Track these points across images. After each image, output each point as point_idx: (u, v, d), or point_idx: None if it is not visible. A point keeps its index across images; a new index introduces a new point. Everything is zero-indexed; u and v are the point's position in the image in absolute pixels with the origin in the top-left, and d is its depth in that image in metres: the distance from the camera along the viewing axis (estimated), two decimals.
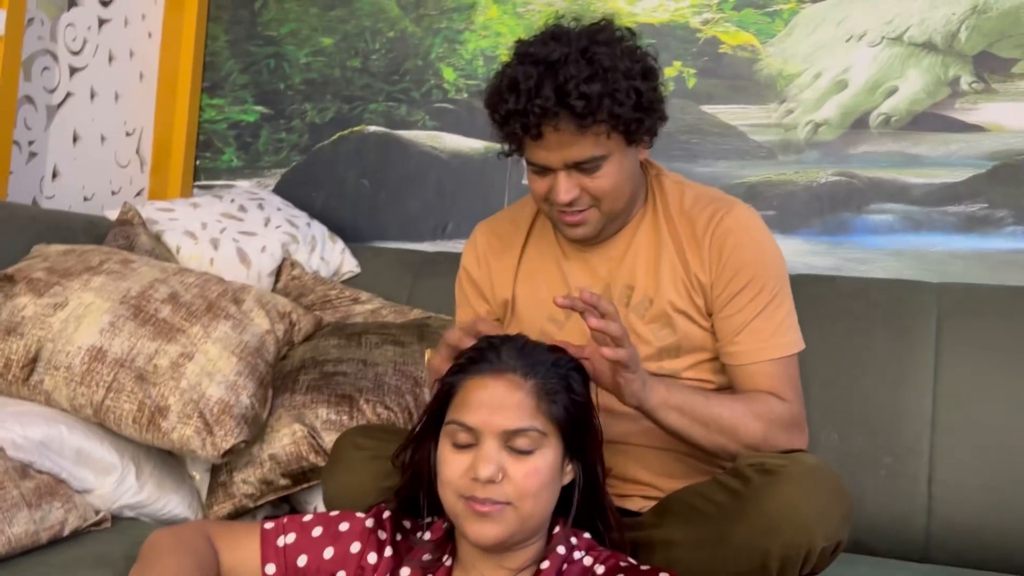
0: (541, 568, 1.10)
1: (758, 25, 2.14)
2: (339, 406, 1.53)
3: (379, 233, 2.34)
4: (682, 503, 1.29)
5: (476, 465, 1.04)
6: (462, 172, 2.31)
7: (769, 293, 1.36)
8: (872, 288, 1.85)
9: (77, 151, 2.28)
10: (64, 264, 1.54)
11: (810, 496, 1.16)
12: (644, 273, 1.38)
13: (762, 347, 1.35)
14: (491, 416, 1.05)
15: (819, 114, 2.08)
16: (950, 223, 1.99)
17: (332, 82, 2.42)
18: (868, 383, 1.76)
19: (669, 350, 1.38)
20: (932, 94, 2.02)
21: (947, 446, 1.70)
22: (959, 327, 1.76)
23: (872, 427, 1.74)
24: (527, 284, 1.45)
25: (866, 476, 1.71)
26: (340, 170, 2.40)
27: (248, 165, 2.48)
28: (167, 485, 1.48)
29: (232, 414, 1.42)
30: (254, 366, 1.50)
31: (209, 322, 1.51)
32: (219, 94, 2.51)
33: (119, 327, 1.44)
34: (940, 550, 1.69)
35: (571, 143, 1.26)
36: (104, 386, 1.39)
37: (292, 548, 1.14)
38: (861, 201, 2.05)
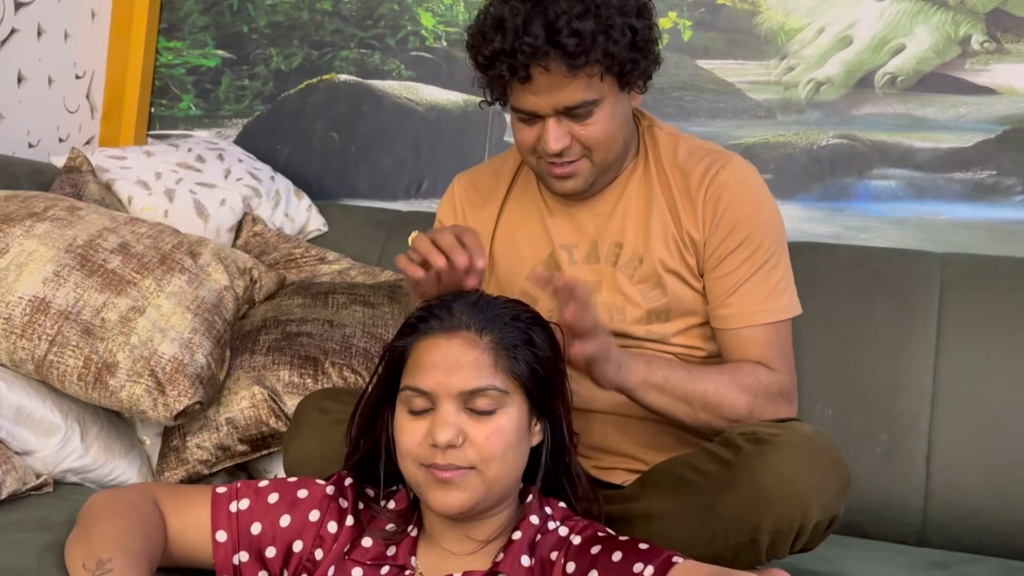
0: (512, 539, 1.09)
1: None
2: (303, 368, 1.51)
3: (349, 190, 2.31)
4: (668, 474, 1.28)
5: (434, 430, 1.02)
6: (439, 126, 2.28)
7: (765, 253, 1.35)
8: (873, 257, 1.86)
9: (22, 93, 2.23)
10: (5, 209, 1.51)
11: (805, 467, 1.15)
12: (634, 230, 1.37)
13: (755, 311, 1.34)
14: (446, 378, 1.04)
15: (821, 72, 2.07)
16: (956, 191, 2.00)
17: (300, 26, 2.38)
18: (866, 356, 1.77)
19: (658, 312, 1.37)
20: (941, 53, 2.01)
21: (947, 424, 1.71)
22: (963, 299, 1.76)
23: (869, 403, 1.75)
24: (508, 241, 1.44)
25: (861, 454, 1.72)
26: (307, 122, 2.36)
27: (207, 114, 2.44)
28: (115, 449, 1.46)
29: (186, 373, 1.40)
30: (211, 323, 1.48)
31: (163, 275, 1.48)
32: (177, 36, 2.46)
33: (64, 277, 1.41)
34: (937, 533, 1.70)
35: (562, 86, 1.24)
36: (47, 340, 1.36)
37: (245, 514, 1.12)
38: (863, 165, 2.05)
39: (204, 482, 1.48)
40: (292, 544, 1.11)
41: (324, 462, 1.23)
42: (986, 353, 1.72)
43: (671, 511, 1.22)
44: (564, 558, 1.07)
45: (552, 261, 1.40)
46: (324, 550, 1.11)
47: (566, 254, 1.39)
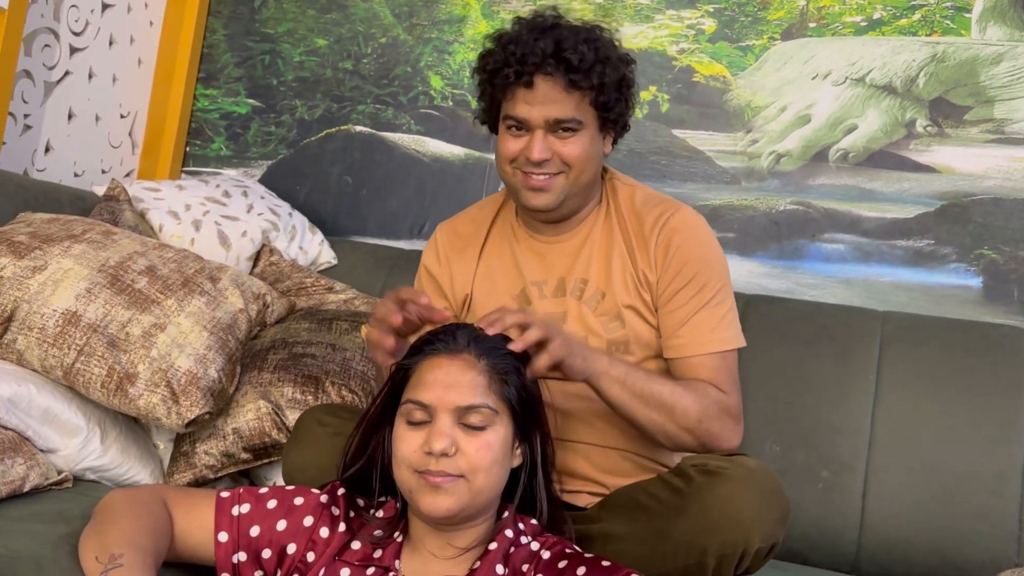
0: (489, 549, 1.08)
1: (730, 58, 2.14)
2: (305, 386, 1.50)
3: (358, 228, 2.32)
4: (626, 498, 1.27)
5: (431, 439, 1.02)
6: (442, 176, 2.30)
7: (711, 290, 1.35)
8: (821, 312, 1.86)
9: (71, 128, 2.24)
10: (47, 230, 1.50)
11: (749, 497, 1.14)
12: (597, 268, 1.37)
13: (703, 340, 1.33)
14: (445, 393, 1.04)
15: (782, 145, 2.09)
16: (898, 256, 2.00)
17: (323, 81, 2.40)
18: (811, 400, 1.77)
19: (619, 344, 1.36)
20: (889, 134, 2.03)
21: (882, 464, 1.70)
22: (900, 353, 1.76)
23: (812, 442, 1.74)
24: (485, 281, 1.43)
25: (804, 488, 1.71)
26: (325, 166, 2.37)
27: (236, 155, 2.45)
28: (131, 451, 1.44)
29: (199, 386, 1.39)
30: (224, 341, 1.47)
31: (184, 296, 1.47)
32: (213, 85, 2.48)
33: (95, 294, 1.40)
34: (870, 563, 1.69)
35: (557, 99, 1.27)
36: (76, 349, 1.35)
37: (246, 518, 1.11)
38: (816, 230, 2.06)
39: (210, 486, 1.47)
40: (286, 547, 1.10)
41: (320, 472, 1.22)
42: (919, 402, 1.72)
43: (627, 533, 1.21)
44: (534, 570, 1.06)
45: (523, 296, 1.40)
46: (316, 553, 1.10)
47: (536, 290, 1.39)
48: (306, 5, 2.43)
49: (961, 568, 1.62)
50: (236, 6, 2.48)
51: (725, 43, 2.14)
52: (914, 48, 2.02)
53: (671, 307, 1.34)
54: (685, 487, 1.19)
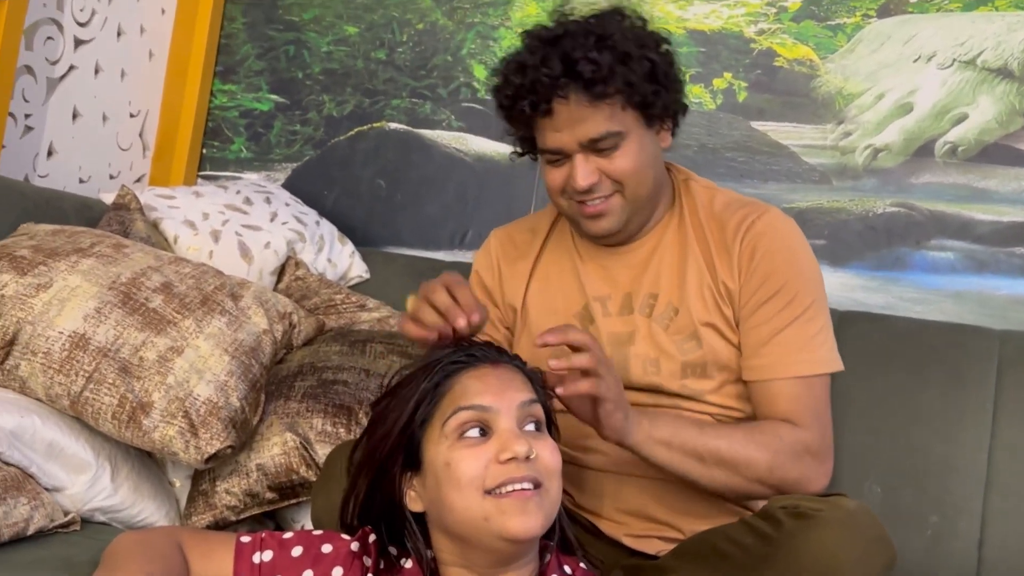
0: None
1: (818, 39, 2.12)
2: (336, 417, 1.51)
3: (393, 238, 2.34)
4: (705, 545, 1.25)
5: (507, 444, 1.02)
6: (487, 177, 2.30)
7: (801, 304, 1.33)
8: (928, 330, 1.83)
9: (76, 129, 2.29)
10: (52, 244, 1.54)
11: (848, 544, 1.12)
12: (669, 281, 1.36)
13: (788, 362, 1.31)
14: (503, 393, 1.05)
15: (880, 138, 2.06)
16: (1017, 266, 1.96)
17: (354, 74, 2.43)
18: (918, 433, 1.73)
19: (694, 367, 1.35)
20: (1005, 124, 2.00)
21: (1001, 507, 1.67)
22: (1021, 378, 1.72)
23: (919, 482, 1.71)
24: (541, 293, 1.43)
25: (910, 535, 1.68)
26: (356, 168, 2.40)
27: (258, 157, 2.48)
28: (144, 490, 1.46)
29: (220, 416, 1.40)
30: (248, 367, 1.48)
31: (203, 316, 1.49)
32: (232, 79, 2.52)
33: (105, 314, 1.43)
34: None
35: (583, 118, 1.25)
36: (84, 376, 1.38)
37: (268, 567, 1.11)
38: (920, 235, 2.03)
39: (231, 528, 1.48)
40: None
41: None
42: None
43: None
44: None
45: (586, 314, 1.39)
46: None
47: (599, 306, 1.39)
48: None
49: None
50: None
51: (812, 22, 2.13)
52: None
53: (754, 322, 1.32)
54: (774, 533, 1.16)
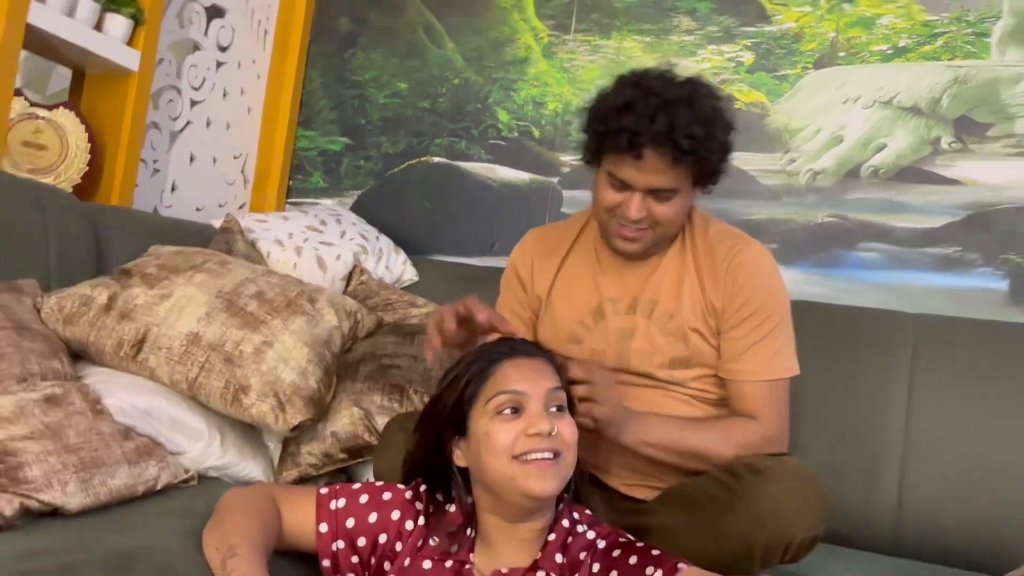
0: (548, 539, 1.07)
1: (768, 86, 2.09)
2: (391, 394, 1.51)
3: (437, 248, 2.33)
4: (681, 494, 1.25)
5: (535, 422, 1.02)
6: (510, 199, 2.29)
7: (771, 323, 1.31)
8: (858, 316, 1.80)
9: (192, 170, 2.30)
10: (173, 262, 1.54)
11: (793, 495, 1.11)
12: (667, 292, 1.34)
13: (757, 368, 1.30)
14: (536, 381, 1.05)
15: (818, 164, 2.03)
16: (928, 263, 1.93)
17: (405, 120, 2.42)
18: (851, 399, 1.71)
19: (680, 361, 1.33)
20: (916, 151, 1.95)
21: (917, 457, 1.64)
22: (933, 353, 1.69)
23: (853, 438, 1.69)
24: (564, 289, 1.41)
25: (846, 479, 1.66)
26: (407, 193, 2.39)
27: (331, 187, 2.48)
28: (246, 452, 1.46)
29: (301, 395, 1.41)
30: (322, 355, 1.48)
31: (288, 316, 1.49)
32: (311, 127, 2.52)
33: (213, 317, 1.43)
34: (907, 546, 1.62)
35: (662, 172, 1.21)
36: (198, 366, 1.38)
37: (342, 511, 1.12)
38: (852, 240, 1.99)
39: (312, 482, 1.48)
40: (378, 536, 1.11)
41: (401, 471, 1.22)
42: (951, 399, 1.65)
43: (682, 526, 1.19)
44: (591, 559, 1.05)
45: (599, 311, 1.37)
46: (402, 543, 1.10)
47: (611, 305, 1.37)
48: (389, 54, 2.45)
49: (998, 550, 1.54)
50: (329, 58, 2.51)
51: (763, 73, 2.09)
52: (937, 72, 1.93)
53: (733, 335, 1.31)
54: (735, 484, 1.16)
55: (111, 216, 1.75)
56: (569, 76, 2.26)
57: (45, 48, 1.87)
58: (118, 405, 1.30)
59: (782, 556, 1.13)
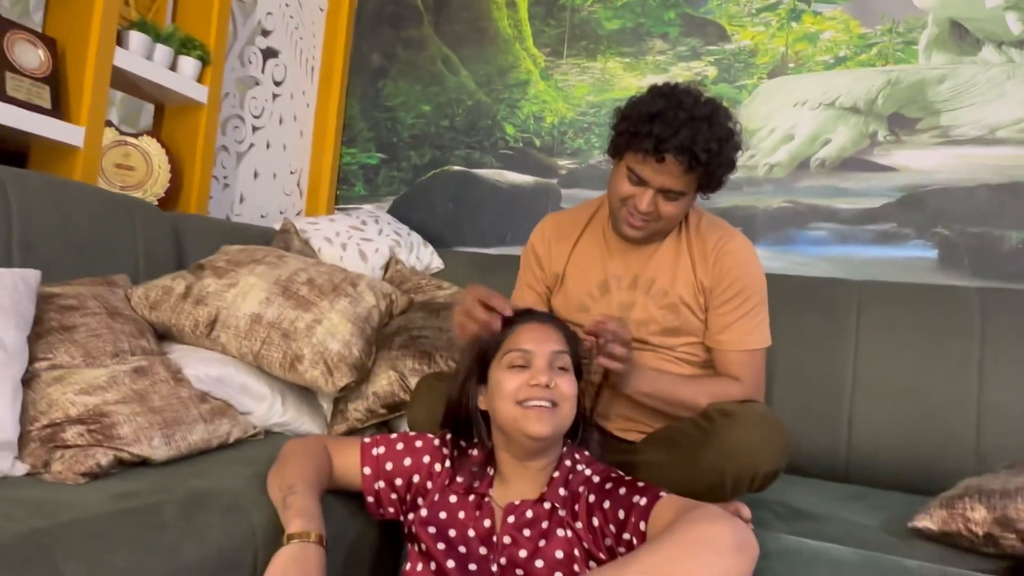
0: (553, 476, 1.04)
1: (729, 95, 2.02)
2: (421, 359, 1.48)
3: (459, 241, 2.29)
4: (663, 435, 1.21)
5: (535, 376, 1.00)
6: (517, 198, 2.25)
7: (751, 303, 1.28)
8: (811, 285, 1.74)
9: (257, 184, 2.28)
10: (239, 257, 1.52)
11: (757, 433, 1.08)
12: (664, 272, 1.30)
13: (739, 340, 1.27)
14: (543, 342, 1.03)
15: (774, 158, 1.97)
16: (868, 238, 1.86)
17: (429, 136, 2.38)
18: (806, 353, 1.66)
19: (671, 330, 1.30)
20: (856, 144, 1.89)
21: (863, 399, 1.59)
22: (875, 312, 1.64)
23: (809, 384, 1.64)
24: (576, 267, 1.37)
25: (804, 419, 1.62)
26: (433, 197, 2.35)
27: (371, 194, 2.45)
28: (304, 410, 1.44)
29: (347, 363, 1.38)
30: (363, 330, 1.45)
31: (334, 298, 1.47)
32: (353, 145, 2.49)
33: (271, 300, 1.41)
34: (857, 474, 1.58)
35: (677, 175, 1.17)
36: (260, 340, 1.36)
37: (383, 457, 1.10)
38: (803, 221, 1.93)
39: (359, 433, 1.46)
40: (412, 477, 1.09)
41: (433, 423, 1.19)
42: (891, 351, 1.60)
43: (664, 462, 1.16)
44: (588, 491, 1.02)
45: (604, 286, 1.33)
46: (432, 482, 1.08)
47: (615, 282, 1.33)
48: (414, 83, 2.41)
49: (932, 475, 1.49)
50: (366, 88, 2.48)
51: (725, 84, 2.03)
52: (873, 76, 1.86)
53: (719, 312, 1.27)
54: (709, 426, 1.12)
55: (188, 222, 1.73)
56: (563, 94, 2.21)
57: (130, 87, 1.85)
58: (195, 374, 1.28)
59: (749, 485, 1.09)
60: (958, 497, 1.10)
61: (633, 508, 0.95)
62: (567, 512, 1.01)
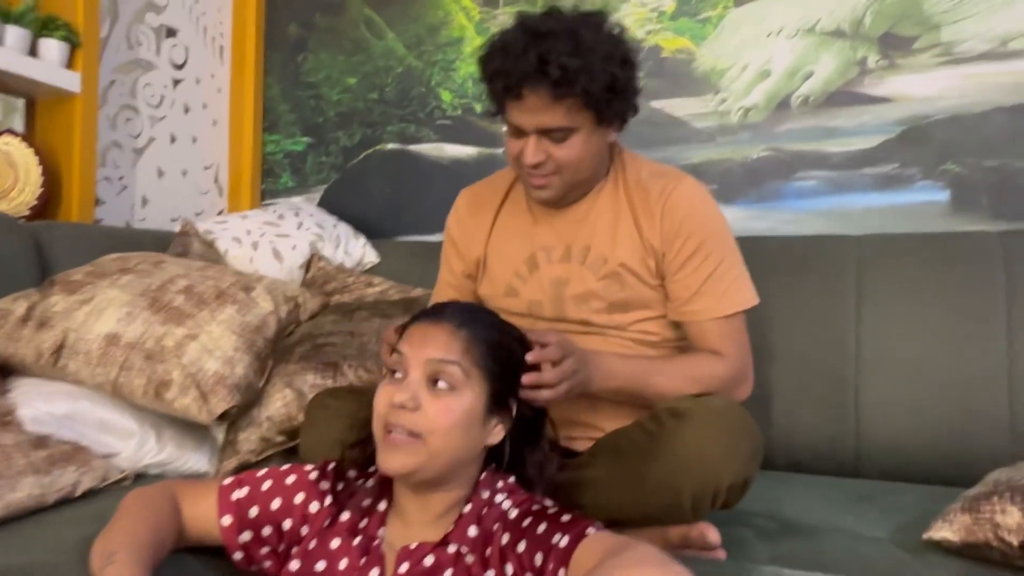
0: (463, 512, 0.85)
1: (692, 31, 1.82)
2: (324, 372, 1.30)
3: (400, 229, 2.10)
4: (609, 444, 1.02)
5: (395, 391, 0.81)
6: (461, 173, 2.05)
7: (716, 258, 1.09)
8: (799, 244, 1.55)
9: (162, 183, 2.10)
10: (104, 268, 1.35)
11: (716, 437, 0.88)
12: (601, 236, 1.12)
13: (714, 306, 1.08)
14: (419, 347, 0.83)
15: (748, 100, 1.77)
16: (867, 183, 1.66)
17: (357, 112, 2.19)
18: (799, 325, 1.46)
19: (618, 305, 1.11)
20: (843, 74, 1.68)
21: (870, 376, 1.40)
22: (877, 272, 1.45)
23: (804, 363, 1.45)
24: (498, 242, 1.20)
25: (801, 404, 1.43)
26: (367, 181, 2.16)
27: (299, 185, 2.26)
28: (187, 445, 1.26)
29: (225, 384, 1.20)
30: (252, 342, 1.27)
31: (217, 307, 1.29)
32: (275, 131, 2.30)
33: (134, 316, 1.23)
34: (869, 467, 1.39)
35: (545, 109, 1.01)
36: (117, 366, 1.18)
37: (245, 501, 0.91)
38: (788, 171, 1.73)
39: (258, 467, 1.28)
40: (282, 523, 0.90)
41: (327, 450, 1.01)
42: (900, 315, 1.40)
43: (610, 478, 0.97)
44: (502, 530, 0.83)
45: (532, 261, 1.16)
46: (308, 526, 0.90)
47: (544, 255, 1.15)
48: (336, 53, 2.22)
49: (959, 463, 1.30)
50: (284, 64, 2.29)
51: (685, 18, 1.83)
52: None
53: (680, 276, 1.09)
54: (657, 431, 0.93)
55: (57, 233, 1.54)
56: None
57: None
58: (31, 414, 1.11)
59: (712, 502, 0.90)
60: (984, 497, 0.91)
61: (552, 551, 0.77)
62: (476, 558, 0.83)
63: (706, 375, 1.06)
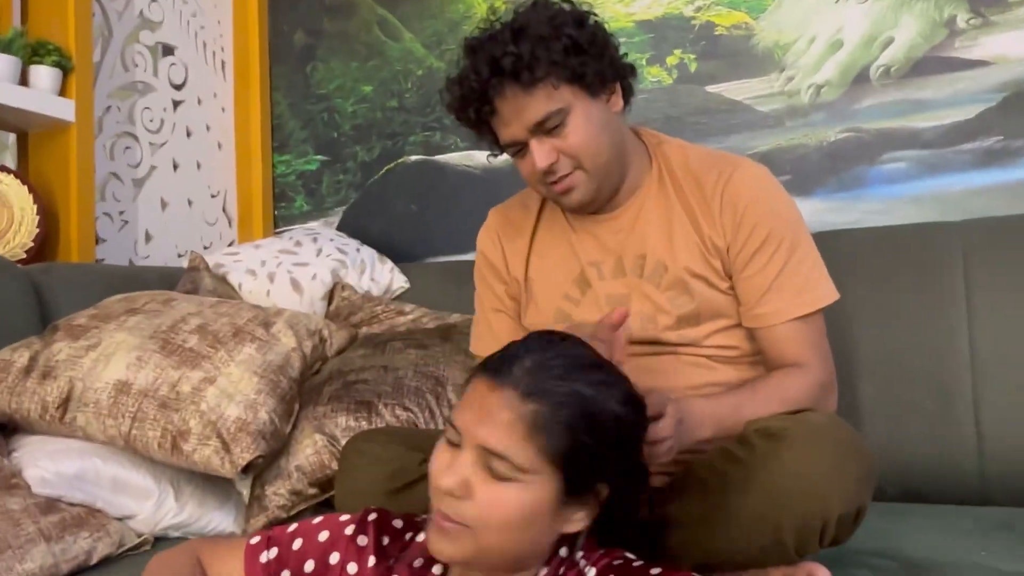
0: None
1: (749, 3, 1.81)
2: (358, 412, 1.29)
3: (430, 249, 2.11)
4: (691, 476, 0.98)
5: (439, 475, 0.76)
6: (494, 183, 2.04)
7: (788, 248, 1.06)
8: (894, 235, 1.50)
9: (166, 215, 2.14)
10: (110, 309, 1.37)
11: (819, 459, 0.84)
12: (656, 240, 1.10)
13: (788, 306, 1.05)
14: (476, 425, 0.76)
15: (819, 76, 1.74)
16: (966, 160, 1.62)
17: (376, 124, 2.22)
18: (899, 330, 1.42)
19: (688, 318, 1.08)
20: (929, 38, 1.65)
21: (990, 385, 1.34)
22: (988, 261, 1.39)
23: (910, 374, 1.39)
24: (540, 264, 1.18)
25: (910, 425, 1.37)
26: (390, 199, 2.18)
27: (315, 208, 2.29)
28: (209, 503, 1.27)
29: (249, 431, 1.20)
30: (275, 383, 1.28)
31: (235, 346, 1.30)
32: (286, 150, 2.34)
33: (145, 360, 1.25)
34: (998, 492, 1.32)
35: (523, 106, 1.01)
36: (129, 416, 1.20)
37: (274, 563, 0.90)
38: (873, 153, 1.69)
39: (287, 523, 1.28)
40: None
41: (364, 500, 0.99)
42: (1019, 312, 1.34)
43: (695, 517, 0.93)
44: None
45: (582, 279, 1.14)
46: None
47: (595, 271, 1.14)
48: (348, 59, 2.26)
49: None
50: (292, 77, 2.33)
51: None
52: None
53: (748, 273, 1.06)
54: (748, 457, 0.89)
55: (56, 275, 1.59)
56: None
57: None
58: (38, 476, 1.13)
59: (820, 538, 0.86)
60: None
61: None
62: None
63: (797, 395, 1.02)
